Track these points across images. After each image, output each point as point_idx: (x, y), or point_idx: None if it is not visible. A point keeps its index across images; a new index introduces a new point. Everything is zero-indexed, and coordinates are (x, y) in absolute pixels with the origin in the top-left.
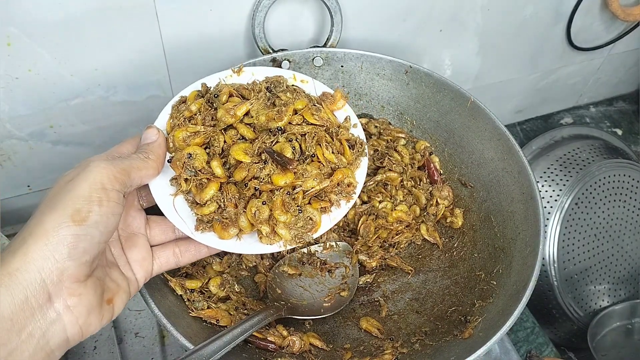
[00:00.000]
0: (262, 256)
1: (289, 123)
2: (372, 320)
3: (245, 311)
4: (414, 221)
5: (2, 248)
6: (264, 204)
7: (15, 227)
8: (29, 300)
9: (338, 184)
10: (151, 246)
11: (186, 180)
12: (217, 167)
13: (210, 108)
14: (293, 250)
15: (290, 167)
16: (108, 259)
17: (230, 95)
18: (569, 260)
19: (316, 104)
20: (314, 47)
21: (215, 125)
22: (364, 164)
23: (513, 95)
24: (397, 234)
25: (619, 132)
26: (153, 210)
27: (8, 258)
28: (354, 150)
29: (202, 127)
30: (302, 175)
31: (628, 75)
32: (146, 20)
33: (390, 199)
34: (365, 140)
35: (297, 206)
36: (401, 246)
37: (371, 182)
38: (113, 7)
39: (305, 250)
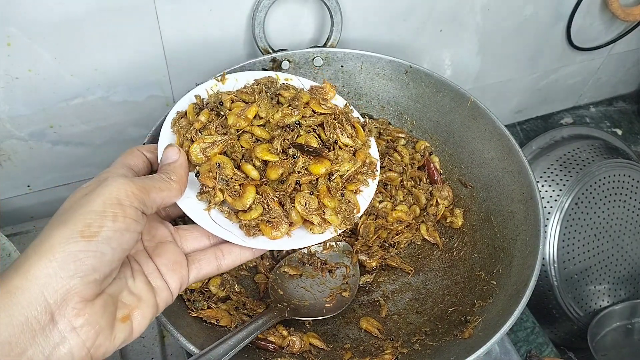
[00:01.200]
0: (262, 256)
1: (303, 116)
2: (372, 320)
3: (245, 311)
4: (414, 221)
5: (2, 248)
6: (311, 194)
7: (15, 227)
8: (29, 321)
9: (363, 165)
10: (186, 254)
11: (220, 190)
12: (252, 170)
13: (217, 116)
14: (294, 250)
15: (325, 155)
16: (134, 269)
17: (232, 101)
18: (569, 260)
19: (315, 96)
20: (314, 47)
21: (226, 132)
22: (373, 142)
23: (513, 95)
24: (397, 234)
25: (619, 132)
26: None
27: (10, 275)
28: (365, 131)
29: (218, 136)
30: (337, 160)
31: (628, 75)
32: (146, 20)
33: (390, 199)
34: (362, 119)
35: (340, 190)
36: (401, 246)
37: None
38: (113, 8)
39: (305, 250)
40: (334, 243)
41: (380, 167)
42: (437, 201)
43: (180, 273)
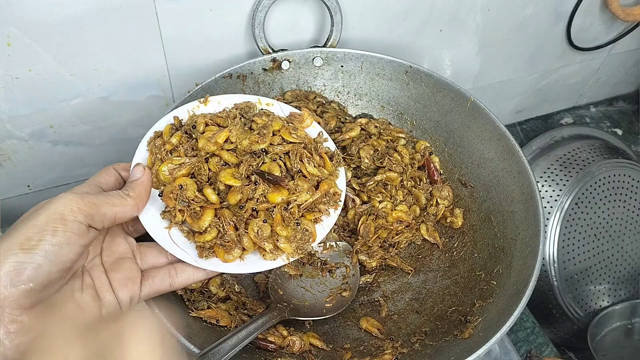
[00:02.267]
0: None
1: (270, 144)
2: (372, 320)
3: (246, 311)
4: (414, 221)
5: None
6: (265, 222)
7: None
8: None
9: (325, 194)
10: (143, 270)
11: (180, 211)
12: (211, 194)
13: (189, 139)
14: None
15: (284, 184)
16: (85, 282)
17: (206, 125)
18: (569, 260)
19: (290, 124)
20: (314, 47)
21: (196, 155)
22: (342, 173)
23: (513, 95)
24: (397, 234)
25: (619, 132)
26: (143, 238)
27: None
28: (334, 162)
29: (186, 158)
30: (295, 190)
31: (628, 75)
32: (146, 20)
33: (390, 199)
34: (339, 151)
35: (295, 220)
36: (401, 246)
37: (371, 182)
38: (113, 8)
39: None
40: (334, 243)
41: (380, 167)
42: (437, 201)
43: (132, 289)
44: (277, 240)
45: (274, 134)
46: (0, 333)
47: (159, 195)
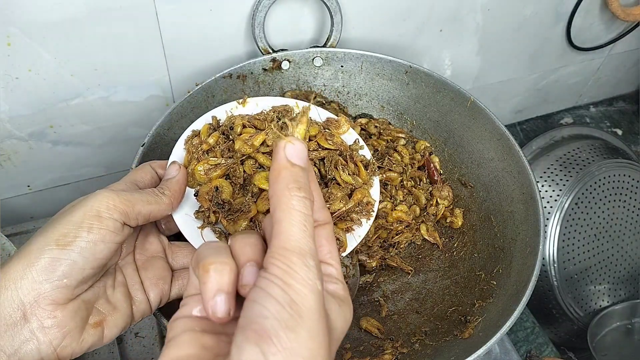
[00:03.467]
0: None
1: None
2: (372, 320)
3: None
4: (414, 221)
5: (2, 248)
6: None
7: (15, 227)
8: (3, 316)
9: (358, 204)
10: (174, 270)
11: (214, 212)
12: (252, 205)
13: (226, 140)
14: None
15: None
16: (117, 280)
17: (244, 127)
18: (569, 260)
19: (326, 130)
20: (314, 47)
21: (233, 156)
22: (376, 182)
23: (513, 95)
24: (397, 234)
25: (619, 132)
26: (176, 237)
27: None
28: (368, 170)
29: (222, 159)
30: (329, 198)
31: (628, 75)
32: (146, 20)
33: (390, 199)
34: (373, 160)
35: None
36: (401, 246)
37: None
38: (113, 7)
39: None
40: None
41: (380, 167)
42: (437, 201)
43: (162, 288)
44: None
45: (310, 139)
46: (34, 327)
47: (195, 195)
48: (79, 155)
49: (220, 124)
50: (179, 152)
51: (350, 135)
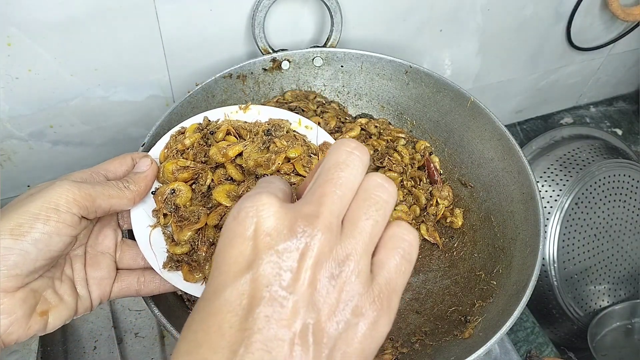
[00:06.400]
0: None
1: (278, 171)
2: None
3: None
4: (414, 221)
5: None
6: None
7: None
8: None
9: None
10: (118, 269)
11: (165, 215)
12: (203, 216)
13: (204, 144)
14: None
15: None
16: (65, 273)
17: (228, 134)
18: (569, 260)
19: (312, 155)
20: (314, 47)
21: (206, 162)
22: None
23: (513, 95)
24: None
25: (619, 132)
26: (131, 234)
27: None
28: None
29: (192, 162)
30: None
31: (628, 75)
32: (146, 20)
33: None
34: None
35: None
36: None
37: None
38: (113, 7)
39: None
40: None
41: (380, 167)
42: (437, 201)
43: (105, 289)
44: None
45: (290, 161)
46: None
47: (152, 192)
48: (79, 155)
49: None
50: (160, 147)
51: None
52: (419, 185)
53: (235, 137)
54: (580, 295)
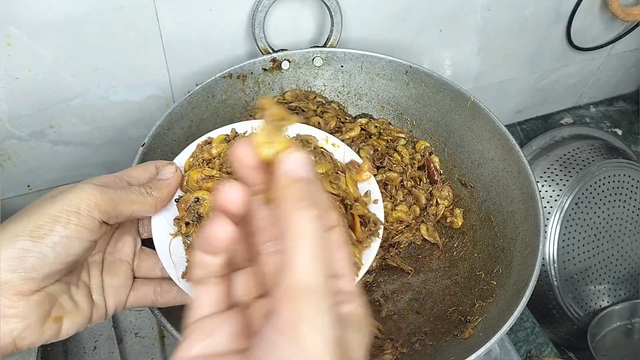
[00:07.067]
0: None
1: None
2: (372, 320)
3: None
4: (414, 221)
5: None
6: None
7: None
8: None
9: None
10: (135, 277)
11: (187, 224)
12: None
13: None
14: None
15: None
16: (81, 279)
17: None
18: (569, 260)
19: (339, 172)
20: (314, 47)
21: (231, 173)
22: (374, 245)
23: (513, 95)
24: (397, 234)
25: (619, 132)
26: (150, 242)
27: None
28: (366, 229)
29: (217, 172)
30: None
31: (628, 75)
32: (146, 20)
33: (390, 199)
34: (382, 220)
35: None
36: (401, 246)
37: None
38: (113, 7)
39: None
40: None
41: (380, 167)
42: (437, 201)
43: (120, 298)
44: None
45: None
46: None
47: (175, 200)
48: (79, 155)
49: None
50: (185, 156)
51: (369, 186)
52: (419, 185)
53: None
54: (580, 295)
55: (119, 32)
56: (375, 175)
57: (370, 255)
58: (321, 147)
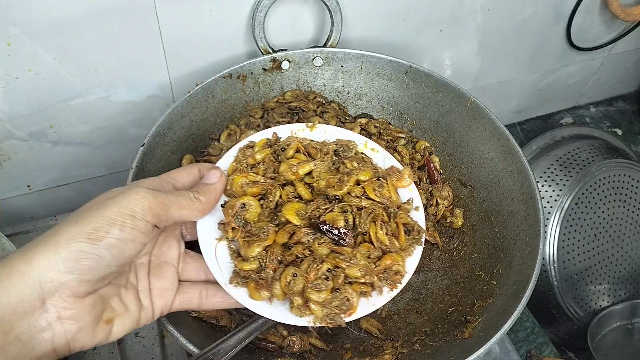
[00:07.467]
0: None
1: (348, 193)
2: (372, 320)
3: (246, 311)
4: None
5: (2, 248)
6: (295, 276)
7: (15, 227)
8: (22, 303)
9: (385, 270)
10: (180, 280)
11: (233, 229)
12: (272, 233)
13: (274, 160)
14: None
15: (343, 243)
16: (129, 281)
17: (297, 151)
18: (569, 260)
19: (381, 179)
20: (314, 47)
21: (275, 178)
22: (417, 252)
23: (513, 95)
24: None
25: (619, 132)
26: (192, 245)
27: (15, 259)
28: (410, 237)
29: (262, 177)
30: (350, 259)
31: (628, 75)
32: (146, 20)
33: None
34: (424, 228)
35: (336, 288)
36: None
37: None
38: (113, 7)
39: None
40: None
41: None
42: (437, 201)
43: (167, 301)
44: (309, 299)
45: (358, 184)
46: (51, 317)
47: (221, 205)
48: (79, 155)
49: (278, 143)
50: (228, 160)
51: (409, 192)
52: (419, 185)
53: (305, 155)
54: (580, 295)
55: (119, 32)
56: None
57: (413, 262)
58: (362, 153)
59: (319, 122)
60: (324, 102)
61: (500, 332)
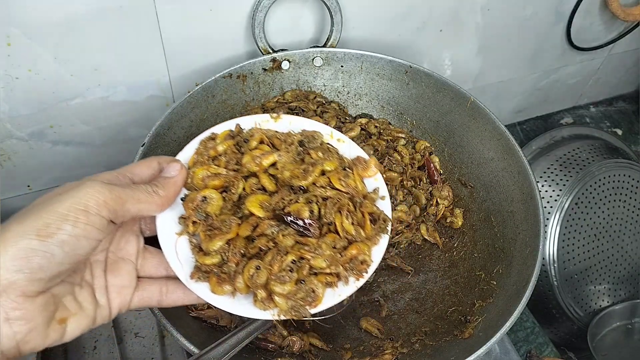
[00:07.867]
0: None
1: (313, 184)
2: (372, 320)
3: None
4: (414, 221)
5: None
6: (258, 269)
7: None
8: None
9: (351, 260)
10: (139, 277)
11: (194, 223)
12: (235, 226)
13: (237, 151)
14: None
15: (308, 234)
16: (84, 279)
17: (261, 142)
18: (569, 260)
19: (347, 168)
20: (314, 47)
21: (238, 170)
22: (383, 242)
23: (513, 95)
24: (397, 234)
25: (619, 132)
26: (152, 241)
27: None
28: (376, 226)
29: (224, 169)
30: (314, 250)
31: (628, 75)
32: (146, 20)
33: (390, 199)
34: (390, 217)
35: (301, 280)
36: (401, 246)
37: None
38: (113, 7)
39: None
40: None
41: None
42: (437, 201)
43: (125, 298)
44: (273, 292)
45: (323, 174)
46: None
47: (181, 199)
48: (79, 155)
49: (241, 134)
50: (189, 152)
51: (375, 182)
52: (419, 185)
53: (269, 146)
54: (580, 295)
55: (119, 32)
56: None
57: (379, 252)
58: (327, 143)
59: (283, 113)
60: (324, 102)
61: (500, 332)
